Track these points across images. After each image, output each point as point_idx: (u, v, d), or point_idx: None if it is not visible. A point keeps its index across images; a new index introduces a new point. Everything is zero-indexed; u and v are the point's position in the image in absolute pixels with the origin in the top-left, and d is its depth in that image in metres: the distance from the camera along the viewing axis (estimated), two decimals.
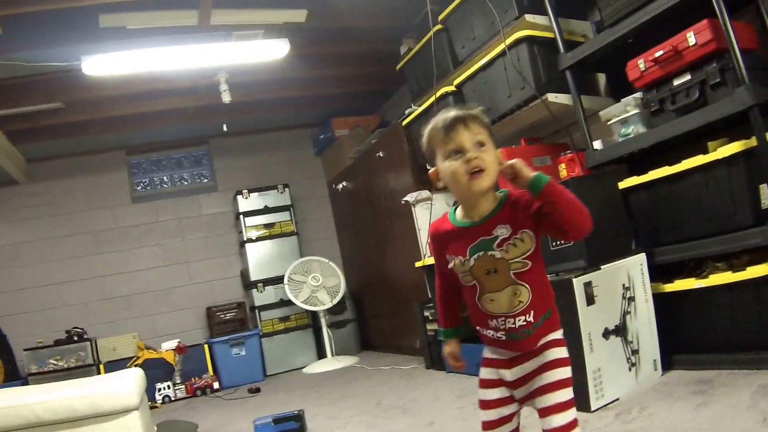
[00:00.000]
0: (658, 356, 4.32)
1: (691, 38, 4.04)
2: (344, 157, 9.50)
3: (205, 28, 6.45)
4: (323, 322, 8.87)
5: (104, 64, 6.39)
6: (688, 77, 4.19)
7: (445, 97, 6.23)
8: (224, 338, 8.68)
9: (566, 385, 2.20)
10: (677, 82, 4.26)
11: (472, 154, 2.14)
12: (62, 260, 9.22)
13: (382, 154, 7.99)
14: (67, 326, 8.56)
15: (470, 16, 5.86)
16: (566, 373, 2.22)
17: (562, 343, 2.28)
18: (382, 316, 8.89)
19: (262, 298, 9.30)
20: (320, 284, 8.85)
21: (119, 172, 9.70)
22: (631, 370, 4.16)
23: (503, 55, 5.38)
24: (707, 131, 4.11)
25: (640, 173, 4.51)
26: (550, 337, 2.26)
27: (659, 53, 4.24)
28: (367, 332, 9.58)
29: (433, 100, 6.37)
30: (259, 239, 9.48)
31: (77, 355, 8.31)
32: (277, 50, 6.91)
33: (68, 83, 7.14)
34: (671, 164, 4.26)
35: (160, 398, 7.81)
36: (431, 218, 6.63)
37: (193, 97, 8.14)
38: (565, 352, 2.26)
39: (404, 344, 8.08)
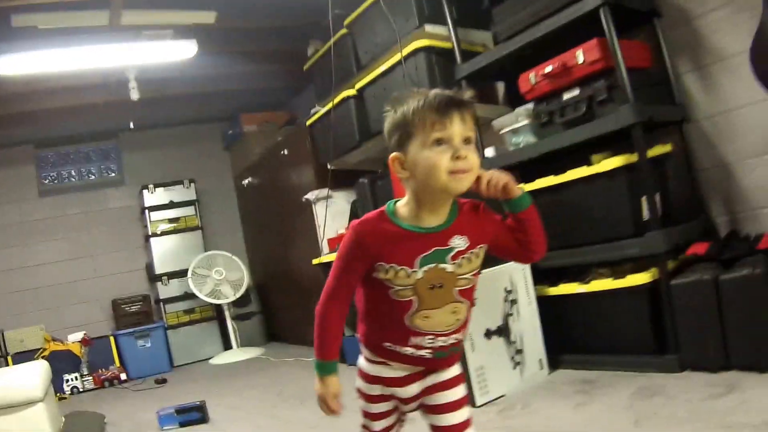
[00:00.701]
0: (543, 356, 4.44)
1: (580, 56, 4.16)
2: (252, 152, 9.49)
3: (115, 28, 6.40)
4: (228, 314, 8.88)
5: (16, 63, 6.34)
6: (577, 92, 4.31)
7: (346, 100, 6.29)
8: (130, 330, 8.63)
9: (465, 403, 2.06)
10: (566, 96, 4.37)
11: (462, 151, 1.84)
12: None
13: (286, 151, 8.04)
14: None
15: (374, 22, 5.89)
16: (463, 391, 2.08)
17: (458, 358, 2.11)
18: (286, 308, 8.90)
19: (167, 291, 9.26)
20: (223, 278, 8.87)
21: (27, 165, 9.51)
22: (515, 368, 4.28)
23: (403, 62, 5.45)
24: (595, 143, 4.23)
25: (530, 180, 4.60)
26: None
27: (549, 68, 4.35)
28: (272, 324, 9.60)
29: (331, 105, 6.44)
30: (164, 233, 9.44)
31: None
32: (185, 51, 6.91)
33: None
34: (558, 174, 4.37)
35: (68, 390, 7.73)
36: (326, 217, 6.71)
37: (103, 93, 8.03)
38: (459, 368, 2.11)
39: (309, 336, 7.99)
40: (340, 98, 6.35)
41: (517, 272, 4.43)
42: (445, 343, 2.00)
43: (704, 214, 4.45)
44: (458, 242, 1.93)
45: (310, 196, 7.04)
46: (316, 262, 6.70)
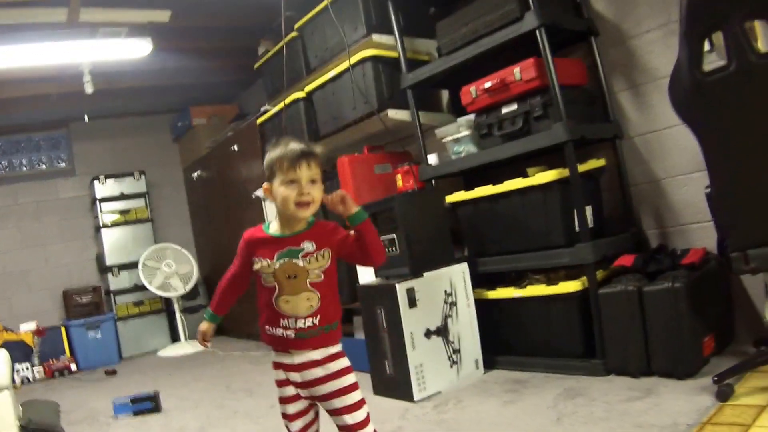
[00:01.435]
0: (479, 356, 4.67)
1: (517, 74, 4.35)
2: (200, 145, 9.57)
3: (72, 24, 6.50)
4: (176, 307, 8.99)
5: None
6: (515, 107, 4.49)
7: (296, 102, 6.46)
8: (81, 321, 8.70)
9: (354, 389, 2.55)
10: (505, 110, 4.55)
11: (306, 189, 2.45)
12: None
13: (236, 147, 8.17)
14: None
15: (323, 27, 6.05)
16: (351, 379, 2.55)
17: (342, 354, 2.58)
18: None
19: (117, 282, 9.34)
20: (173, 271, 8.99)
21: None
22: (452, 367, 4.52)
23: (350, 70, 5.62)
24: (531, 155, 4.44)
25: (470, 188, 4.81)
26: (330, 350, 2.55)
27: (488, 84, 4.54)
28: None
29: (282, 105, 6.61)
30: (114, 224, 9.50)
31: None
32: (139, 49, 7.04)
33: None
34: (495, 183, 4.58)
35: (18, 379, 7.76)
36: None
37: (56, 84, 8.11)
38: (347, 361, 2.58)
39: (255, 331, 8.10)
40: (290, 99, 6.51)
41: (456, 275, 4.65)
42: (303, 325, 2.52)
43: (635, 227, 4.64)
44: (307, 245, 2.52)
45: (259, 192, 7.13)
46: None
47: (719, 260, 3.79)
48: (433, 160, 5.27)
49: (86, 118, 9.01)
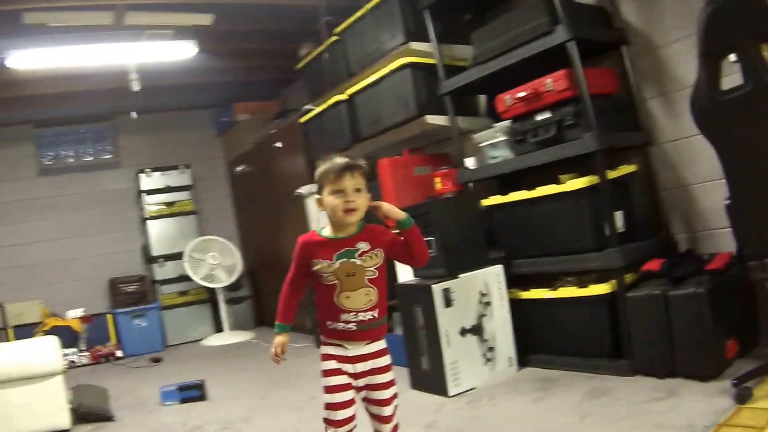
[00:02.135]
0: (513, 354, 4.87)
1: (549, 84, 4.55)
2: (244, 140, 9.75)
3: (118, 27, 6.71)
4: (220, 297, 9.18)
5: (27, 59, 6.66)
6: (548, 115, 4.68)
7: (337, 104, 6.68)
8: (127, 309, 8.98)
9: (393, 384, 2.87)
10: (539, 117, 4.75)
11: (350, 197, 2.73)
12: None
13: (280, 144, 8.34)
14: None
15: (363, 33, 6.28)
16: (392, 375, 2.87)
17: (387, 351, 2.88)
18: (276, 294, 8.99)
19: (162, 272, 9.59)
20: (218, 263, 9.15)
21: (26, 144, 9.71)
22: (486, 364, 4.72)
23: (389, 76, 5.86)
24: (563, 161, 4.60)
25: (506, 191, 5.00)
26: (381, 345, 2.86)
27: (522, 94, 4.74)
28: (262, 309, 9.87)
29: (324, 107, 6.86)
30: (160, 216, 9.75)
31: None
32: (185, 51, 7.28)
33: None
34: (528, 188, 4.78)
35: (66, 364, 8.00)
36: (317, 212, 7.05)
37: (103, 80, 8.27)
38: (389, 358, 2.88)
39: (297, 323, 8.36)
40: (332, 101, 6.73)
41: (491, 277, 4.86)
42: (364, 318, 2.79)
43: (665, 231, 4.82)
44: (362, 245, 2.80)
45: (302, 190, 7.35)
46: None
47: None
48: (470, 163, 5.46)
49: (134, 115, 9.24)
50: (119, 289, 9.56)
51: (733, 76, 3.48)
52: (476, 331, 4.73)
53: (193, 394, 5.57)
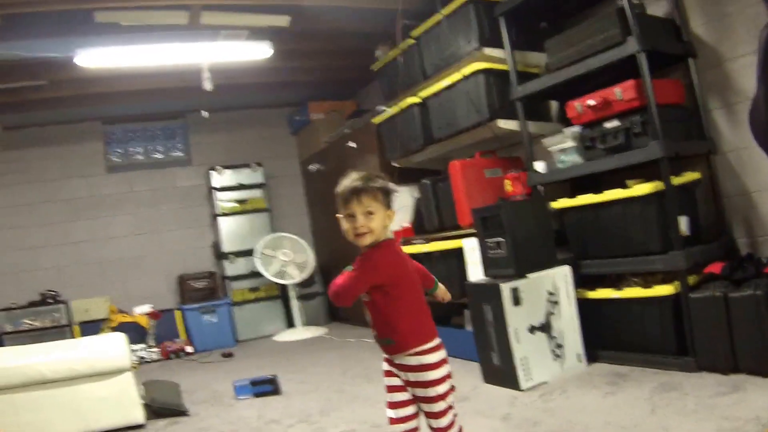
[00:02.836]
0: (581, 350, 5.31)
1: (618, 93, 4.98)
2: (318, 139, 10.21)
3: (193, 27, 7.01)
4: (292, 294, 9.63)
5: (98, 57, 6.96)
6: (616, 123, 5.11)
7: (411, 107, 7.08)
8: (196, 305, 9.44)
9: (438, 399, 2.89)
10: (607, 125, 5.18)
11: (359, 221, 2.83)
12: (37, 226, 9.77)
13: (354, 144, 8.79)
14: (40, 288, 9.23)
15: (438, 38, 6.66)
16: (436, 391, 2.88)
17: (431, 367, 2.88)
18: None
19: (233, 269, 10.07)
20: (290, 260, 9.56)
21: (95, 141, 10.25)
22: (556, 360, 5.17)
23: (464, 81, 6.24)
24: (631, 166, 5.03)
25: (575, 194, 5.44)
26: (424, 360, 2.89)
27: (592, 102, 5.17)
28: (335, 305, 10.17)
29: (399, 108, 7.29)
30: (232, 213, 10.20)
31: (51, 316, 8.99)
32: (260, 52, 7.62)
33: (54, 65, 7.55)
34: (597, 192, 5.20)
35: (135, 359, 8.29)
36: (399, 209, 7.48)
37: (176, 79, 8.61)
38: (435, 374, 2.88)
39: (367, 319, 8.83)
40: (406, 104, 7.15)
41: (559, 276, 5.31)
42: (374, 332, 3.00)
43: (727, 235, 5.23)
44: (348, 268, 2.89)
45: None
46: None
47: None
48: (540, 167, 5.87)
49: (206, 114, 9.56)
50: (188, 285, 10.02)
51: None
52: (545, 328, 5.16)
53: (266, 388, 5.91)
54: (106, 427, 5.26)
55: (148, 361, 8.72)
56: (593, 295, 5.34)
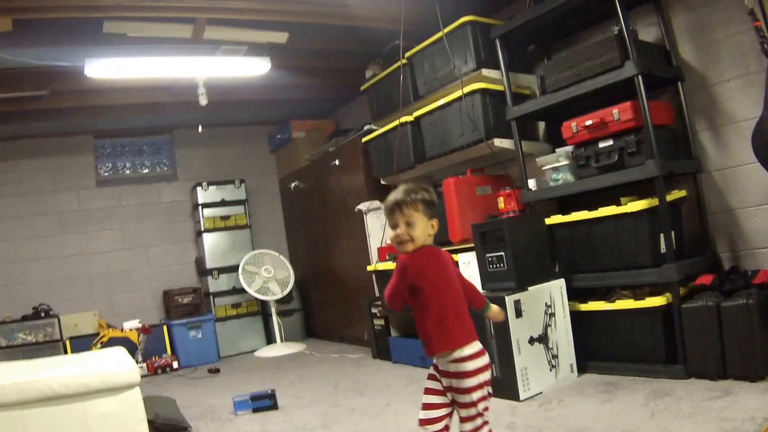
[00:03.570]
0: (574, 361, 5.52)
1: (615, 114, 5.23)
2: (299, 157, 10.35)
3: (196, 41, 7.11)
4: (273, 310, 9.73)
5: (106, 68, 7.03)
6: (611, 142, 5.35)
7: (403, 125, 7.23)
8: (183, 321, 9.46)
9: (470, 406, 3.02)
10: (602, 144, 5.41)
11: (400, 230, 3.04)
12: (28, 239, 9.74)
13: (338, 162, 8.93)
14: (30, 302, 9.22)
15: (434, 58, 6.85)
16: (471, 397, 3.00)
17: (468, 374, 3.01)
18: (326, 306, 9.78)
19: (216, 285, 10.12)
20: (272, 276, 9.70)
21: (86, 155, 10.30)
22: (551, 370, 5.35)
23: (459, 100, 6.41)
24: (621, 185, 5.29)
25: (566, 212, 5.67)
26: (461, 367, 3.01)
27: (589, 122, 5.41)
28: (311, 321, 10.43)
29: (390, 127, 7.47)
30: (214, 229, 10.27)
31: (45, 330, 8.96)
32: (258, 68, 7.73)
33: (58, 75, 7.67)
34: (590, 209, 5.43)
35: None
36: (383, 226, 7.75)
37: (168, 93, 8.72)
38: (471, 381, 3.01)
39: (348, 334, 9.08)
40: (398, 122, 7.30)
41: (555, 289, 5.51)
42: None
43: (710, 250, 5.47)
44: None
45: (362, 206, 7.96)
46: (370, 268, 7.64)
47: None
48: (532, 185, 6.08)
49: (200, 128, 9.77)
50: (174, 300, 10.07)
51: None
52: (543, 339, 5.35)
53: (265, 403, 5.93)
54: None
55: None
56: (585, 307, 5.54)
